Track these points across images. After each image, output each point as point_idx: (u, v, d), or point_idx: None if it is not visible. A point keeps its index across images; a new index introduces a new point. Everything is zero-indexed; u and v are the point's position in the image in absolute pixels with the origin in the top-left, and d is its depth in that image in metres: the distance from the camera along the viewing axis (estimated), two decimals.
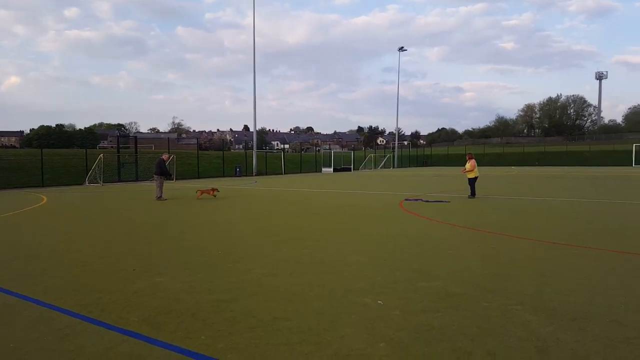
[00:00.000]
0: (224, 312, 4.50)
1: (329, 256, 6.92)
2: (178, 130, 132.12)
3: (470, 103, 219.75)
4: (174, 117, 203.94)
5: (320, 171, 48.82)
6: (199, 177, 36.40)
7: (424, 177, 33.46)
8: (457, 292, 5.04)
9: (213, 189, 17.31)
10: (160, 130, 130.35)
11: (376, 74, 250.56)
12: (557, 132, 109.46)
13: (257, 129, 44.39)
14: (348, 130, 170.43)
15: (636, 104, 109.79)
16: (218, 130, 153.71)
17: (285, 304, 4.71)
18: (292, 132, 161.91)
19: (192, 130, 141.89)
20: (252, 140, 43.79)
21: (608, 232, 8.71)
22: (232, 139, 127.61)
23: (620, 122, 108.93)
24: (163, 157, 17.14)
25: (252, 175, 40.33)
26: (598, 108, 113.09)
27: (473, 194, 16.03)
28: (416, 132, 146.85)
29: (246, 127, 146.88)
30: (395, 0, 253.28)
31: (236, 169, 39.64)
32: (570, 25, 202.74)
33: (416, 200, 15.35)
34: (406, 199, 15.68)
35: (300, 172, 46.71)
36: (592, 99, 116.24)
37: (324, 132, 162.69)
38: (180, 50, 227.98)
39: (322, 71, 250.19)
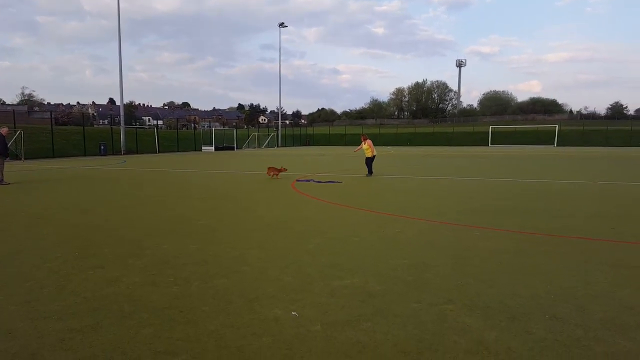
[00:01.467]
0: (77, 350, 3.13)
1: (222, 252, 5.76)
2: (29, 102, 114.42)
3: (346, 85, 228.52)
4: (23, 87, 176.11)
5: (201, 150, 46.02)
6: (54, 157, 31.53)
7: (310, 157, 33.26)
8: (378, 291, 4.31)
9: (281, 168, 15.98)
10: (7, 103, 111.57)
11: (255, 51, 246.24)
12: (424, 115, 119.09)
13: (125, 102, 39.90)
14: (228, 107, 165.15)
15: (489, 90, 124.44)
16: (78, 103, 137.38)
17: (169, 329, 3.49)
18: (166, 107, 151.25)
19: (46, 103, 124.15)
20: (119, 115, 39.23)
21: (499, 210, 8.93)
22: (95, 113, 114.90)
23: (476, 107, 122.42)
24: (1, 131, 13.88)
25: (121, 154, 36.26)
26: (458, 93, 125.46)
27: (370, 172, 16.55)
28: (297, 111, 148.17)
29: (112, 101, 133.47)
30: None
31: (100, 147, 35.23)
32: (433, 15, 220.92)
33: (308, 180, 14.69)
34: (297, 180, 14.93)
35: (178, 151, 43.45)
36: (452, 85, 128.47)
37: (202, 108, 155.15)
38: (30, 12, 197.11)
39: (197, 43, 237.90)
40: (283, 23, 62.92)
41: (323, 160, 28.80)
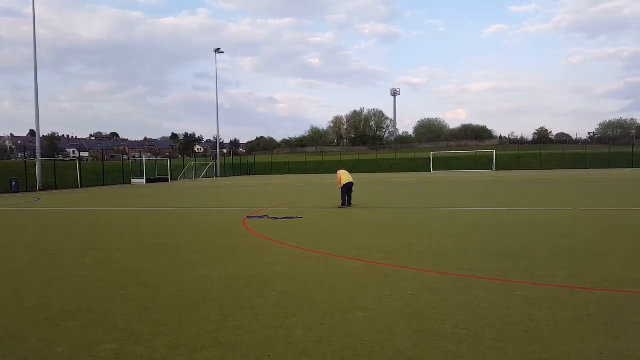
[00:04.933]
0: None
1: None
2: None
3: (284, 113, 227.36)
4: None
5: (130, 183, 41.89)
6: None
7: (255, 188, 30.77)
8: None
9: None
10: None
11: (189, 79, 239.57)
12: (362, 142, 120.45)
13: (45, 133, 35.52)
14: (161, 137, 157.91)
15: (423, 118, 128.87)
16: None
17: None
18: (93, 138, 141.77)
19: None
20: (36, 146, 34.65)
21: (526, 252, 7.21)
22: (12, 146, 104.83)
23: (412, 134, 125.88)
24: None
25: (36, 191, 31.71)
26: (394, 121, 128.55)
27: (344, 203, 14.82)
28: (235, 140, 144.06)
29: (32, 133, 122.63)
30: (205, 4, 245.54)
31: (12, 183, 30.57)
32: (365, 46, 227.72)
33: (261, 217, 12.38)
34: (248, 217, 12.57)
35: (104, 185, 39.16)
36: (388, 113, 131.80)
37: (132, 138, 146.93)
38: None
39: (127, 72, 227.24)
40: (219, 49, 60.60)
41: (270, 190, 26.49)
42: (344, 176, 14.74)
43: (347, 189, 14.71)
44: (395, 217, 12.06)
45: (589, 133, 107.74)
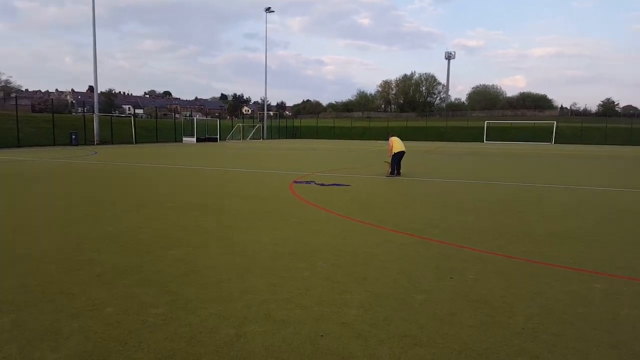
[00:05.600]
0: None
1: (200, 323, 3.24)
2: (5, 89, 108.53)
3: (331, 76, 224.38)
4: None
5: (181, 141, 42.95)
6: (19, 146, 28.32)
7: (301, 152, 30.65)
8: None
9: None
10: None
11: (238, 40, 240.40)
12: (411, 109, 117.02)
13: (103, 90, 36.71)
14: (211, 97, 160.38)
15: (478, 84, 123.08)
16: (57, 90, 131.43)
17: None
18: (147, 96, 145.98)
19: (24, 90, 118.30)
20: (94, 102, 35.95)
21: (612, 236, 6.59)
22: (73, 101, 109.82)
23: (464, 101, 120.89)
24: None
25: (94, 144, 33.14)
26: (447, 86, 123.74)
27: (393, 172, 14.30)
28: (282, 102, 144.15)
29: (91, 89, 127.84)
30: None
31: (71, 137, 32.05)
32: (419, 6, 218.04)
33: (308, 183, 12.16)
34: (295, 181, 12.40)
35: (157, 142, 40.35)
36: (440, 78, 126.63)
37: (183, 97, 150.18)
38: None
39: (179, 31, 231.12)
40: (270, 8, 59.68)
41: (316, 155, 26.25)
42: (396, 144, 14.19)
43: (398, 157, 14.17)
44: (448, 190, 11.48)
45: None
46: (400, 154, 14.18)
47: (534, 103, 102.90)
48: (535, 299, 4.02)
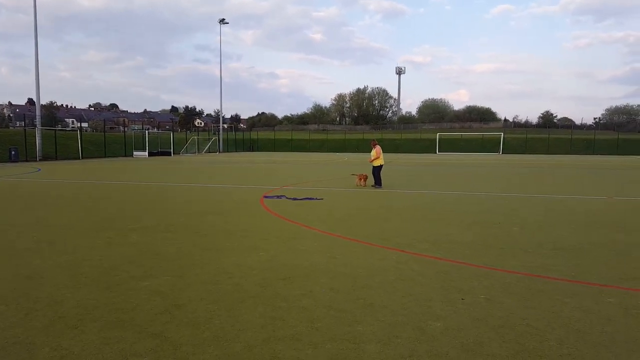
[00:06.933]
0: None
1: None
2: None
3: (285, 89, 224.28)
4: None
5: (132, 155, 41.01)
6: None
7: (263, 165, 29.98)
8: None
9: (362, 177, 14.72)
10: None
11: (189, 51, 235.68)
12: (365, 121, 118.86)
13: (44, 102, 34.45)
14: (160, 109, 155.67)
15: (427, 98, 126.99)
16: None
17: None
18: (92, 108, 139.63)
19: None
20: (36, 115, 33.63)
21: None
22: (11, 114, 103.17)
23: (414, 114, 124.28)
24: None
25: (36, 161, 30.91)
26: (398, 100, 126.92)
27: (379, 183, 14.56)
28: (236, 115, 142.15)
29: (31, 101, 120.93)
30: None
31: (10, 152, 29.74)
32: (369, 22, 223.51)
33: (279, 197, 11.64)
34: (265, 196, 11.84)
35: (105, 157, 38.29)
36: (391, 92, 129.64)
37: (131, 110, 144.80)
38: None
39: (126, 42, 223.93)
40: (224, 19, 58.89)
41: (280, 168, 25.71)
42: (381, 155, 14.71)
43: (381, 168, 14.70)
44: (421, 202, 11.35)
45: (594, 118, 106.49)
46: (382, 165, 14.77)
47: (480, 116, 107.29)
48: (557, 319, 3.76)
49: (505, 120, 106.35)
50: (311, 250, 6.11)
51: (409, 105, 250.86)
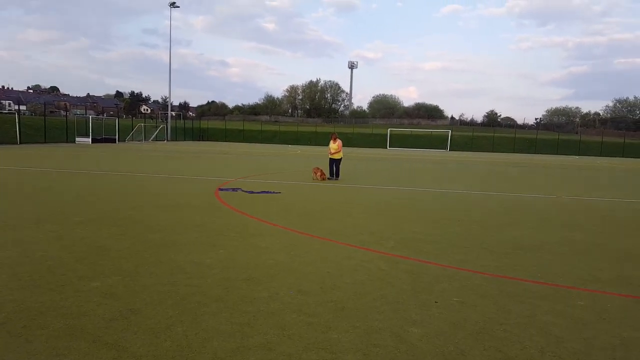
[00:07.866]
0: None
1: None
2: None
3: (236, 79, 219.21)
4: None
5: (74, 141, 38.57)
6: None
7: (215, 155, 29.06)
8: None
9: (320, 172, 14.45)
10: None
11: (136, 35, 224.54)
12: (317, 114, 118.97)
13: None
14: (104, 94, 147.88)
15: (378, 94, 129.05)
16: None
17: None
18: (31, 91, 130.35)
19: None
20: None
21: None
22: None
23: (365, 109, 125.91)
24: None
25: None
26: (350, 94, 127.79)
27: (337, 175, 14.89)
28: (185, 102, 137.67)
29: None
30: None
31: None
32: (323, 15, 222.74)
33: (235, 190, 11.21)
34: (220, 188, 11.36)
35: (46, 142, 35.75)
36: (343, 86, 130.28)
37: (73, 94, 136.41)
38: None
39: (68, 22, 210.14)
40: (175, 3, 56.49)
41: (233, 159, 25.02)
42: (342, 149, 15.02)
43: (340, 162, 15.03)
44: (380, 197, 11.31)
45: (536, 119, 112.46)
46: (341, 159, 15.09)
47: (428, 113, 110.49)
48: (533, 323, 3.72)
49: (452, 118, 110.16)
50: (273, 248, 5.83)
51: (360, 100, 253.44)
